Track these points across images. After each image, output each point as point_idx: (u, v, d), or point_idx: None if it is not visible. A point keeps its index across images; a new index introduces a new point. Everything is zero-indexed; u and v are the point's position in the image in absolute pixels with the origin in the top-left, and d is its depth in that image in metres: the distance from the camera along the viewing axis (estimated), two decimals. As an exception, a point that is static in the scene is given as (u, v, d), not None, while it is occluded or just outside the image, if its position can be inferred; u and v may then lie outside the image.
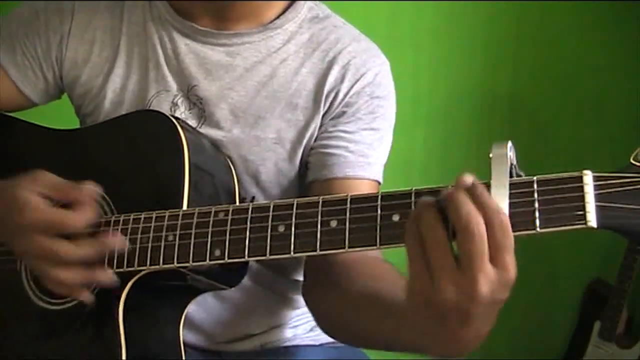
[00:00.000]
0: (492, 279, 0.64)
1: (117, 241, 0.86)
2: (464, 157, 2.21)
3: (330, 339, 1.16)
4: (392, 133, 1.09)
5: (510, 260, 0.64)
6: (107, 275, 0.86)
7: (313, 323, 1.18)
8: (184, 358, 0.96)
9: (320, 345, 1.18)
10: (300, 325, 1.19)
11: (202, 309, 1.09)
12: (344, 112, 1.04)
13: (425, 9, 2.11)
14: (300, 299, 1.17)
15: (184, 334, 0.97)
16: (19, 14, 1.10)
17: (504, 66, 2.19)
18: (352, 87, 1.04)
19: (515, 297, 0.69)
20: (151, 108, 1.05)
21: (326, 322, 0.98)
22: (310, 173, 1.04)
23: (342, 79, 1.05)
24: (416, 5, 2.10)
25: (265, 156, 1.05)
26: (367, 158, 1.03)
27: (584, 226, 0.64)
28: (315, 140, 1.05)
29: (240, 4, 1.04)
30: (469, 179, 0.66)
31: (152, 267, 0.85)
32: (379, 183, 1.05)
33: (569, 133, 2.23)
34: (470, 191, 0.65)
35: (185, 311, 0.97)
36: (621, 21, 2.14)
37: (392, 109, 1.09)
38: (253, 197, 1.04)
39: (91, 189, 0.88)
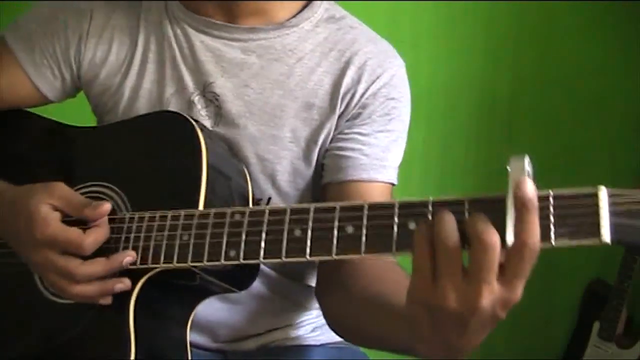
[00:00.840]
0: (495, 295, 0.64)
1: (130, 259, 0.86)
2: (463, 157, 2.22)
3: (332, 339, 1.17)
4: (406, 135, 1.09)
5: (521, 286, 0.64)
6: (124, 285, 0.87)
7: (316, 324, 1.19)
8: (189, 358, 0.96)
9: (322, 345, 1.18)
10: (304, 326, 1.18)
11: (207, 309, 1.08)
12: (359, 114, 1.04)
13: (425, 9, 2.11)
14: (308, 303, 1.17)
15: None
16: (38, 14, 1.10)
17: (504, 66, 2.19)
18: (368, 88, 1.04)
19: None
20: (169, 107, 1.05)
21: (332, 320, 0.99)
22: (326, 175, 1.04)
23: (358, 79, 1.04)
24: (416, 5, 2.10)
25: (282, 155, 1.05)
26: (382, 161, 1.03)
27: (597, 242, 0.64)
28: (331, 142, 1.05)
29: (250, 2, 1.04)
30: (531, 191, 0.63)
31: (165, 265, 0.85)
32: (393, 185, 1.05)
33: (569, 133, 2.23)
34: (528, 202, 0.63)
35: (194, 312, 0.97)
36: (621, 21, 2.14)
37: (407, 111, 1.09)
38: (269, 199, 1.04)
39: (105, 209, 0.87)
